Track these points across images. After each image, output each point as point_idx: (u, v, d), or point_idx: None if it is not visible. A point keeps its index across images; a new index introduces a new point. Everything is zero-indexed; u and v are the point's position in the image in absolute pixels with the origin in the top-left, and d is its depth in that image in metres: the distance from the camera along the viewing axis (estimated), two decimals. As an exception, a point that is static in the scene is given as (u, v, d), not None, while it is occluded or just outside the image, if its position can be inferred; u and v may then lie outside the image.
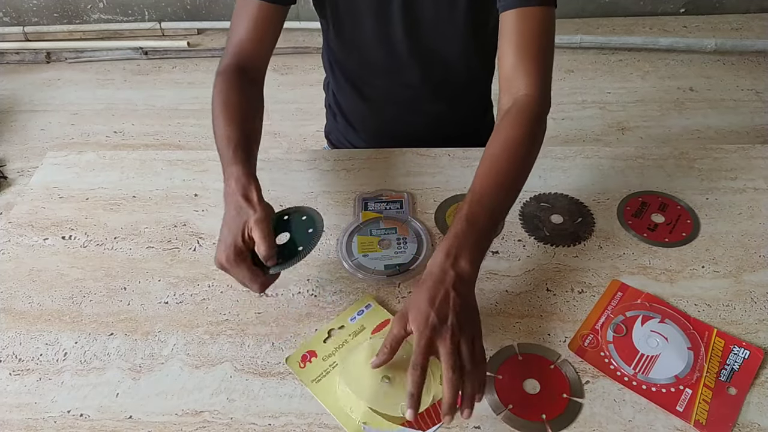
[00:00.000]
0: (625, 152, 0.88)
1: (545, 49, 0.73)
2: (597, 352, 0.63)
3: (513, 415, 0.58)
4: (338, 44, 0.88)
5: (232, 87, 0.75)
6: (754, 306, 0.67)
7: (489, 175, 0.65)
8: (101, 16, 2.54)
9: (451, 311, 0.56)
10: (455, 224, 0.61)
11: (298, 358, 0.64)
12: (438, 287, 0.57)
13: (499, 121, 0.71)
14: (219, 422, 0.59)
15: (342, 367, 0.62)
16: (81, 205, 0.83)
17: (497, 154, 0.67)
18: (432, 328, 0.55)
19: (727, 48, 2.26)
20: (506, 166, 0.66)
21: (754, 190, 0.81)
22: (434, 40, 0.85)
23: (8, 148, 2.04)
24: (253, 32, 0.77)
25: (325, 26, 0.88)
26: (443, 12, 0.81)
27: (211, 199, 0.83)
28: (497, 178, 0.65)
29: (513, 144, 0.67)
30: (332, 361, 0.63)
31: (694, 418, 0.57)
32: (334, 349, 0.65)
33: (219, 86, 0.75)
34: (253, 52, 0.78)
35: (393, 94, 0.93)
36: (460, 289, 0.58)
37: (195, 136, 2.05)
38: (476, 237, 0.61)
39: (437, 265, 0.59)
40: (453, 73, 0.91)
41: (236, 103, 0.73)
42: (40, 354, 0.65)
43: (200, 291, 0.71)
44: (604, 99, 2.12)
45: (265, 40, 0.79)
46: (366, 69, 0.91)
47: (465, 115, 1.00)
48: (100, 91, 2.30)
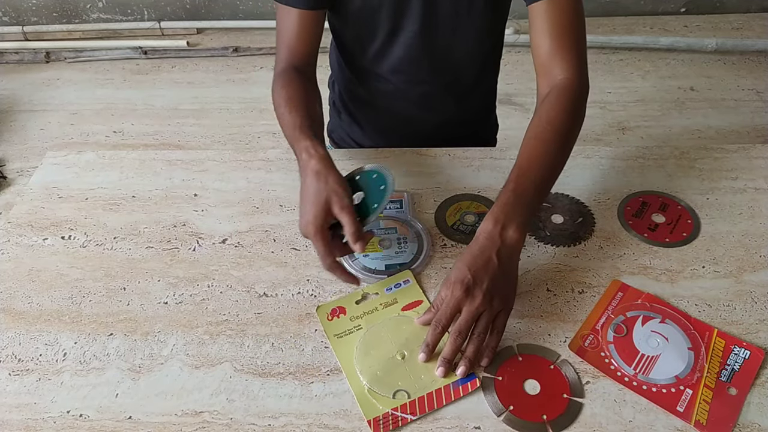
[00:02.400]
0: (625, 152, 0.88)
1: (579, 32, 0.75)
2: (597, 352, 0.63)
3: (513, 416, 0.58)
4: (351, 39, 0.89)
5: (291, 83, 0.79)
6: (754, 306, 0.67)
7: (534, 150, 0.68)
8: (100, 16, 2.54)
9: (487, 278, 0.60)
10: (502, 195, 0.65)
11: (328, 310, 0.67)
12: (483, 252, 0.61)
13: (539, 105, 0.74)
14: (219, 422, 0.59)
15: (365, 333, 0.65)
16: (80, 205, 0.83)
17: (541, 131, 0.70)
18: (465, 289, 0.59)
19: (727, 47, 2.26)
20: (551, 140, 0.69)
21: (754, 190, 0.81)
22: (450, 37, 0.85)
23: (8, 148, 2.04)
24: (298, 38, 0.82)
25: (336, 22, 0.88)
26: (462, 8, 0.82)
27: (210, 198, 0.83)
28: (542, 153, 0.68)
29: (556, 120, 0.70)
30: (358, 323, 0.66)
31: (695, 419, 0.57)
32: (363, 313, 0.67)
33: (279, 84, 0.79)
34: (303, 53, 0.83)
35: (403, 91, 0.93)
36: (504, 257, 0.61)
37: (194, 136, 2.04)
38: (523, 208, 0.64)
39: (485, 232, 0.62)
40: (465, 71, 0.91)
41: (297, 95, 0.77)
42: (40, 354, 0.65)
43: (200, 291, 0.71)
44: (604, 98, 2.11)
45: (311, 42, 0.83)
46: (377, 64, 0.90)
47: (472, 114, 1.00)
48: (100, 90, 2.29)
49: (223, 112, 2.14)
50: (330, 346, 0.64)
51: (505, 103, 2.07)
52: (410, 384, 0.60)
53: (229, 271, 0.73)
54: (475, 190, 0.82)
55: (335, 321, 0.66)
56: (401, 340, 0.64)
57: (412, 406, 0.58)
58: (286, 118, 0.74)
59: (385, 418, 0.58)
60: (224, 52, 2.38)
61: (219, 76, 2.30)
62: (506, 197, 0.64)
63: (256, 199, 0.82)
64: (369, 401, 0.59)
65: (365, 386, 0.60)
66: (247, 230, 0.78)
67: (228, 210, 0.81)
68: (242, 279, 0.72)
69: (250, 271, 0.73)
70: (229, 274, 0.73)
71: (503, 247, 0.62)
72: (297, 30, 0.81)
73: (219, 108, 2.15)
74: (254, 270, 0.73)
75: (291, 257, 0.74)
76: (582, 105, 0.74)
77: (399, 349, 0.63)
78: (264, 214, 0.80)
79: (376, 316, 0.67)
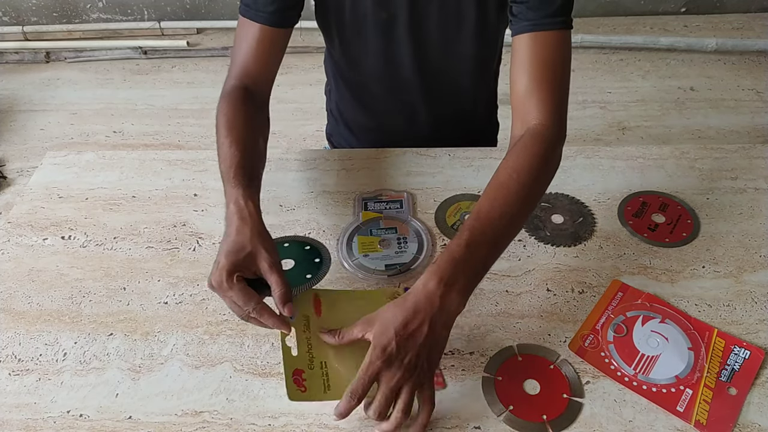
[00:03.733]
0: (625, 152, 0.88)
1: (561, 75, 0.69)
2: (597, 352, 0.63)
3: (513, 416, 0.58)
4: (343, 61, 0.88)
5: (236, 109, 0.72)
6: (754, 306, 0.67)
7: (496, 201, 0.62)
8: (100, 16, 2.54)
9: (412, 349, 0.54)
10: (454, 248, 0.58)
11: (293, 388, 0.56)
12: (416, 315, 0.54)
13: (510, 148, 0.68)
14: (219, 422, 0.59)
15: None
16: (80, 205, 0.83)
17: (506, 179, 0.63)
18: (386, 359, 0.53)
19: (727, 47, 2.26)
20: (515, 192, 0.62)
21: (754, 190, 0.81)
22: (441, 60, 0.84)
23: (7, 148, 2.04)
24: (256, 55, 0.75)
25: (329, 42, 0.87)
26: (451, 33, 0.80)
27: (210, 198, 0.83)
28: (503, 204, 0.61)
29: (523, 171, 0.64)
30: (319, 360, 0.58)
31: (695, 419, 0.57)
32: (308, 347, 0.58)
33: (224, 109, 0.72)
34: (258, 74, 0.76)
35: (396, 108, 0.93)
36: (438, 324, 0.55)
37: (194, 136, 2.04)
38: (474, 266, 0.58)
39: (426, 291, 0.55)
40: (461, 87, 0.90)
41: (241, 125, 0.70)
42: (40, 354, 0.65)
43: (200, 291, 0.71)
44: (604, 98, 2.11)
45: (269, 63, 0.77)
46: (370, 85, 0.90)
47: (472, 124, 1.00)
48: (100, 90, 2.29)
49: (223, 112, 2.14)
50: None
51: (505, 103, 2.06)
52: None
53: (229, 271, 0.73)
54: (475, 190, 0.82)
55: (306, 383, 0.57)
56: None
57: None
58: (224, 150, 0.67)
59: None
60: (224, 52, 2.37)
61: (219, 76, 2.29)
62: (458, 251, 0.57)
63: (256, 199, 0.82)
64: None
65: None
66: (247, 230, 0.78)
67: (228, 210, 0.81)
68: (242, 279, 0.72)
69: (250, 271, 0.73)
70: (229, 274, 0.73)
71: (440, 314, 0.55)
72: (255, 47, 0.74)
73: (219, 108, 2.16)
74: (254, 270, 0.73)
75: (291, 257, 0.74)
76: (554, 152, 0.68)
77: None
78: (264, 214, 0.80)
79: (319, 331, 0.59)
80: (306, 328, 0.58)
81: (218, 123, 0.72)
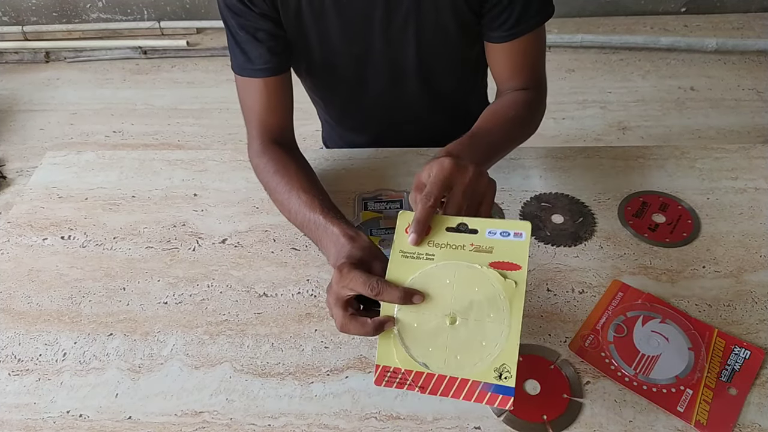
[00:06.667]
0: (625, 152, 0.88)
1: (538, 62, 0.77)
2: (598, 352, 0.63)
3: (514, 416, 0.58)
4: (322, 105, 0.93)
5: (280, 162, 0.71)
6: (755, 306, 0.67)
7: (491, 117, 0.69)
8: (100, 16, 2.54)
9: (472, 164, 0.54)
10: (458, 139, 0.61)
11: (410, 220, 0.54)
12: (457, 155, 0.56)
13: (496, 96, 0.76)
14: (218, 423, 0.59)
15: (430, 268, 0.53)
16: (80, 205, 0.83)
17: (497, 108, 0.71)
18: (455, 161, 0.53)
19: (728, 47, 2.26)
20: (508, 114, 0.70)
21: (755, 190, 0.81)
22: (419, 87, 0.84)
23: (7, 148, 2.04)
24: (270, 107, 0.74)
25: (303, 83, 0.89)
26: (431, 58, 0.80)
27: (210, 198, 0.83)
28: (498, 120, 0.69)
29: (513, 101, 0.72)
30: (433, 252, 0.53)
31: (695, 419, 0.57)
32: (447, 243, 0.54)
33: (267, 167, 0.71)
34: (278, 125, 0.76)
35: (384, 126, 0.94)
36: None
37: (194, 136, 2.04)
38: (480, 150, 0.61)
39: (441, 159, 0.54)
40: (447, 105, 0.91)
41: (295, 174, 0.69)
42: (40, 354, 0.65)
43: (199, 291, 0.71)
44: (604, 98, 2.11)
45: (284, 109, 0.76)
46: (347, 119, 0.94)
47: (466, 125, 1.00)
48: (99, 90, 2.29)
49: (223, 112, 2.14)
50: (330, 346, 0.64)
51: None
52: (440, 358, 0.51)
53: (228, 271, 0.73)
54: (475, 190, 0.82)
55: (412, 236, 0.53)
56: (463, 300, 0.52)
57: (428, 380, 0.51)
58: (294, 203, 0.66)
59: (394, 373, 0.51)
60: (224, 52, 2.37)
61: (219, 76, 2.30)
62: (462, 140, 0.60)
63: (255, 199, 0.82)
64: (389, 347, 0.52)
65: (394, 330, 0.52)
66: (247, 230, 0.78)
67: (228, 210, 0.81)
68: (242, 279, 0.72)
69: (249, 271, 0.73)
70: (228, 274, 0.73)
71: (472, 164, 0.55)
72: (266, 101, 0.73)
73: (219, 108, 2.15)
74: (254, 270, 0.73)
75: (291, 257, 0.74)
76: (538, 107, 0.75)
77: (452, 310, 0.52)
78: (264, 214, 0.80)
79: (456, 254, 0.53)
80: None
81: (269, 183, 0.71)
